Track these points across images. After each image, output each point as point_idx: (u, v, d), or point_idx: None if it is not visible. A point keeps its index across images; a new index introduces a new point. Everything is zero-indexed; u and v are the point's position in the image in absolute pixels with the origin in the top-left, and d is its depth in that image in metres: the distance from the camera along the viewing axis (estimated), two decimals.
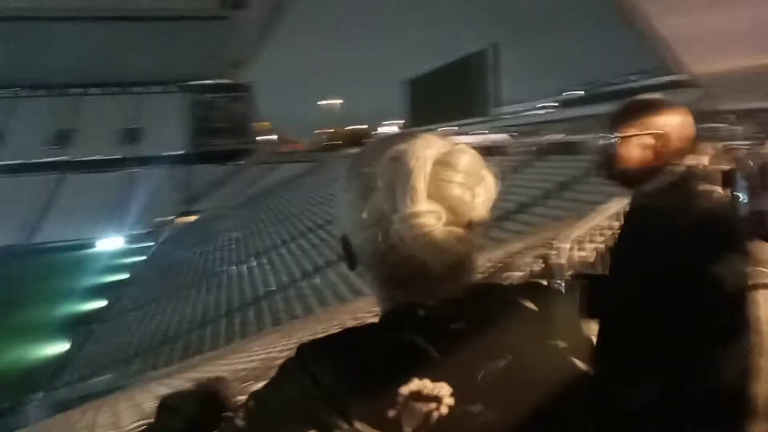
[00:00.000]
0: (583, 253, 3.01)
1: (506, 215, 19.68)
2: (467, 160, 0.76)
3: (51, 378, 21.70)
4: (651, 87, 27.89)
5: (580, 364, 0.77)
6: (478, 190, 0.76)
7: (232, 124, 65.64)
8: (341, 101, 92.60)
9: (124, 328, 25.57)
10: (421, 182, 0.72)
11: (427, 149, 0.75)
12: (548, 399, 0.72)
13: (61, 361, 23.60)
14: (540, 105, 33.47)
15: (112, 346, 23.19)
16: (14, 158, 55.27)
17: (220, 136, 64.18)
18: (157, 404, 0.95)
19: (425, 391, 0.67)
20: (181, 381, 11.31)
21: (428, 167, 0.73)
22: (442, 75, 40.05)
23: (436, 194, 0.73)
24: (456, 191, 0.73)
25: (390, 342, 0.71)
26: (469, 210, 0.74)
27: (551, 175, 20.71)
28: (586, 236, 3.08)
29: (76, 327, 26.89)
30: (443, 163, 0.74)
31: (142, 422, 5.28)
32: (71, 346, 24.97)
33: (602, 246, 3.18)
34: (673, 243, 1.20)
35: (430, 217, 0.71)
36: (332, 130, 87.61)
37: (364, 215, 0.75)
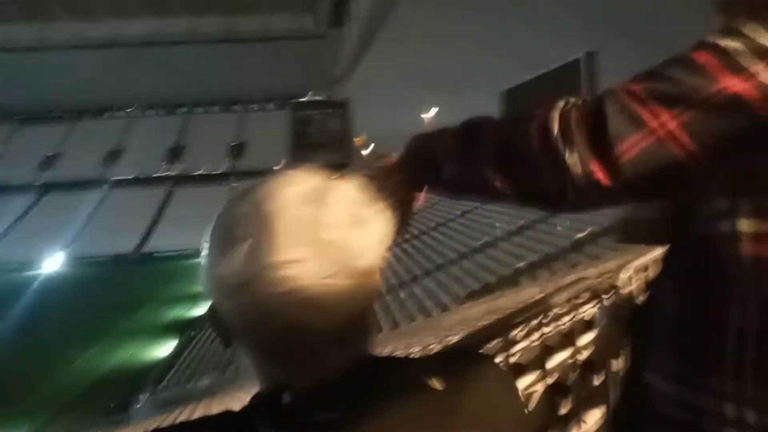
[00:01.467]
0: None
1: (603, 231, 18.81)
2: (342, 196, 0.62)
3: (155, 380, 22.95)
4: None
5: None
6: (361, 233, 0.61)
7: (330, 139, 67.01)
8: (434, 114, 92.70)
9: None
10: (283, 226, 0.59)
11: (290, 186, 0.62)
12: None
13: (164, 364, 24.93)
14: None
15: (210, 352, 24.20)
16: (128, 174, 59.44)
17: (318, 151, 65.77)
18: None
19: None
20: None
21: (293, 207, 0.60)
22: (535, 85, 39.11)
23: (305, 239, 0.58)
24: (329, 234, 0.59)
25: None
26: (350, 257, 0.59)
27: None
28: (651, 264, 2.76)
29: (180, 332, 28.31)
30: (311, 201, 0.60)
31: None
32: (175, 350, 26.30)
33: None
34: None
35: (297, 267, 0.57)
36: None
37: (226, 274, 0.63)
